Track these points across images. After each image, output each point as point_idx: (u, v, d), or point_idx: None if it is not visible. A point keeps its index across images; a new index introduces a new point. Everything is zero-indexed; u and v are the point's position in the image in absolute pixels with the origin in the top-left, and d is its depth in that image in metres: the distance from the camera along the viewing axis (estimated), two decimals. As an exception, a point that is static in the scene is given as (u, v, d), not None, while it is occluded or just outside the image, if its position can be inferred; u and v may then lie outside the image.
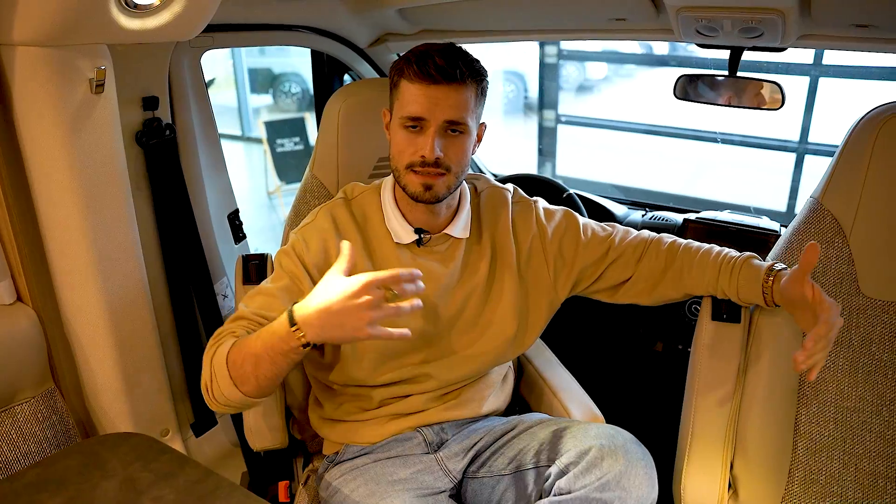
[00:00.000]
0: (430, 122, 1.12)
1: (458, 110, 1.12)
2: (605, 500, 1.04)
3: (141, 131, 1.43)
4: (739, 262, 1.22)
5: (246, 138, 7.50)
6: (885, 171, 1.19)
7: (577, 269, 1.31)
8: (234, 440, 1.70)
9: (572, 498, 1.05)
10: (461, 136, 1.15)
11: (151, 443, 1.13)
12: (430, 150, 1.12)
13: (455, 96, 1.12)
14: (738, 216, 1.89)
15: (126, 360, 1.38)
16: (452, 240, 1.27)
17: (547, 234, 1.31)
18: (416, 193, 1.16)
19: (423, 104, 1.11)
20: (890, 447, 1.21)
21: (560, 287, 1.32)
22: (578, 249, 1.31)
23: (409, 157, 1.15)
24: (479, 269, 1.28)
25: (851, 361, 1.24)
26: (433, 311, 1.25)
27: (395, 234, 1.24)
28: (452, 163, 1.15)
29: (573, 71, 6.98)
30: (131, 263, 1.35)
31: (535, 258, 1.31)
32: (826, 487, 1.25)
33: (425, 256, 1.25)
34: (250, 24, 1.63)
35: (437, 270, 1.25)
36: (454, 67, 1.10)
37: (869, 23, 1.25)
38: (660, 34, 1.50)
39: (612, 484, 1.05)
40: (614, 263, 1.31)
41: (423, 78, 1.11)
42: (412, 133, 1.14)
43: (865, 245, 1.23)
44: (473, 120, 1.17)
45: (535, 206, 1.35)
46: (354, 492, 1.18)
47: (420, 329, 1.25)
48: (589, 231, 1.33)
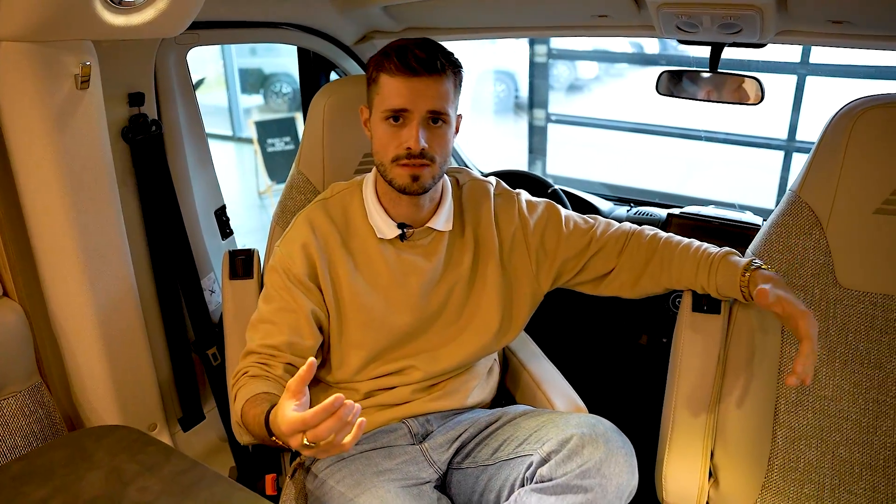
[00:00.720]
0: (414, 113, 1.13)
1: (440, 100, 1.14)
2: (586, 487, 1.06)
3: (127, 127, 1.44)
4: (718, 258, 1.24)
5: (237, 138, 7.50)
6: (859, 163, 1.21)
7: (559, 261, 1.33)
8: (221, 435, 1.71)
9: (553, 485, 1.07)
10: (443, 127, 1.17)
11: (137, 435, 1.14)
12: (415, 140, 1.13)
13: (436, 87, 1.13)
14: (722, 211, 1.91)
15: (113, 355, 1.39)
16: (435, 233, 1.28)
17: (529, 226, 1.32)
18: (405, 185, 1.17)
19: (406, 96, 1.13)
20: (866, 434, 1.23)
21: (542, 279, 1.34)
22: (560, 241, 1.32)
23: (394, 150, 1.16)
24: (463, 262, 1.29)
25: (829, 351, 1.26)
26: (417, 306, 1.27)
27: (377, 229, 1.25)
28: (437, 153, 1.16)
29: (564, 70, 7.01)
30: (118, 259, 1.36)
31: (517, 250, 1.32)
32: (804, 475, 1.27)
33: (409, 251, 1.27)
34: (236, 22, 1.64)
35: (421, 264, 1.27)
36: (434, 59, 1.12)
37: (843, 19, 1.27)
38: (641, 30, 1.51)
39: (593, 471, 1.06)
40: (596, 255, 1.32)
41: (404, 70, 1.12)
42: (395, 126, 1.15)
43: (842, 236, 1.25)
44: (453, 110, 1.19)
45: (518, 197, 1.36)
46: (340, 483, 1.19)
47: (405, 323, 1.27)
48: (571, 223, 1.34)
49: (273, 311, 1.22)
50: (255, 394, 1.11)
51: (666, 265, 1.29)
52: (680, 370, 1.32)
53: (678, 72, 1.62)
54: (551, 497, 1.06)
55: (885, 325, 1.23)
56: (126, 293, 1.39)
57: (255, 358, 1.19)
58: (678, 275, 1.27)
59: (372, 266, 1.26)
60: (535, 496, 1.07)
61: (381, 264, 1.25)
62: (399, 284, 1.26)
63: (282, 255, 1.25)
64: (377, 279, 1.26)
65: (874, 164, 1.21)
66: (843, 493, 1.24)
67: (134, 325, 1.43)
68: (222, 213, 1.75)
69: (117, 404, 1.41)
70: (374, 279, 1.26)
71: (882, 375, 1.23)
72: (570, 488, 1.06)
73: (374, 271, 1.26)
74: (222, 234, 1.76)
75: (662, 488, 1.32)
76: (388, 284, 1.26)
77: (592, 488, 1.06)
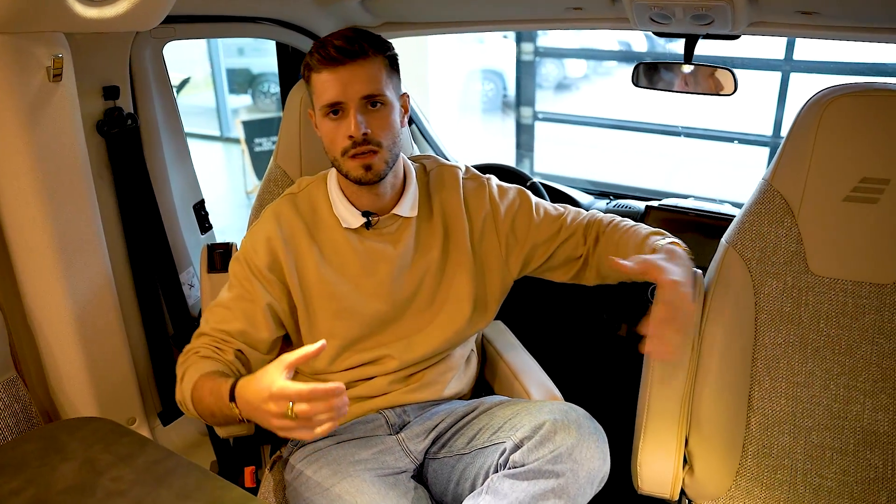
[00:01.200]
0: (348, 102, 1.14)
1: (370, 84, 1.14)
2: (557, 472, 1.07)
3: (102, 121, 1.44)
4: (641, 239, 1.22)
5: (225, 139, 7.48)
6: (828, 151, 1.23)
7: (528, 247, 1.33)
8: (201, 429, 1.71)
9: (526, 470, 1.07)
10: (383, 109, 1.17)
11: (112, 426, 1.14)
12: (354, 127, 1.13)
13: (363, 71, 1.13)
14: (700, 203, 1.92)
15: (91, 349, 1.38)
16: (401, 220, 1.29)
17: (500, 212, 1.33)
18: (359, 176, 1.18)
19: (336, 87, 1.13)
20: (837, 419, 1.25)
21: (512, 264, 1.34)
22: (531, 227, 1.33)
23: (340, 142, 1.16)
24: (433, 248, 1.30)
25: (801, 338, 1.27)
26: (389, 293, 1.27)
27: (343, 219, 1.26)
28: (380, 136, 1.16)
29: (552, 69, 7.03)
30: (95, 252, 1.36)
31: (487, 235, 1.33)
32: (778, 460, 1.28)
33: (375, 239, 1.27)
34: (214, 16, 1.64)
35: (389, 252, 1.27)
36: (353, 44, 1.13)
37: (813, 10, 1.29)
38: (616, 23, 1.53)
39: (565, 456, 1.07)
40: (565, 243, 1.33)
41: (327, 63, 1.13)
42: (335, 120, 1.16)
43: (812, 224, 1.26)
44: (391, 91, 1.18)
45: (489, 182, 1.36)
46: (317, 473, 1.20)
47: (376, 310, 1.27)
48: (542, 210, 1.35)
49: (231, 298, 1.24)
50: (209, 371, 1.13)
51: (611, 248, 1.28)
52: (654, 359, 1.33)
53: (654, 64, 1.63)
54: (523, 482, 1.07)
55: (856, 312, 1.24)
56: (103, 287, 1.39)
57: (208, 340, 1.21)
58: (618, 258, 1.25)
59: (340, 256, 1.26)
60: (508, 481, 1.08)
61: (349, 254, 1.26)
62: (368, 272, 1.26)
63: (245, 246, 1.27)
64: (346, 268, 1.26)
65: (843, 153, 1.22)
66: (814, 478, 1.26)
67: (111, 319, 1.43)
68: (201, 208, 1.75)
69: (95, 398, 1.41)
70: (343, 269, 1.26)
71: (852, 362, 1.24)
72: (541, 473, 1.07)
73: (343, 261, 1.26)
74: (201, 228, 1.76)
75: (638, 476, 1.33)
76: (358, 273, 1.26)
77: (564, 473, 1.07)
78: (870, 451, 1.23)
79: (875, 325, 1.23)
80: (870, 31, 1.35)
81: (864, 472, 1.23)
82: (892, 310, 1.23)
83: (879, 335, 1.23)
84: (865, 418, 1.24)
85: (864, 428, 1.24)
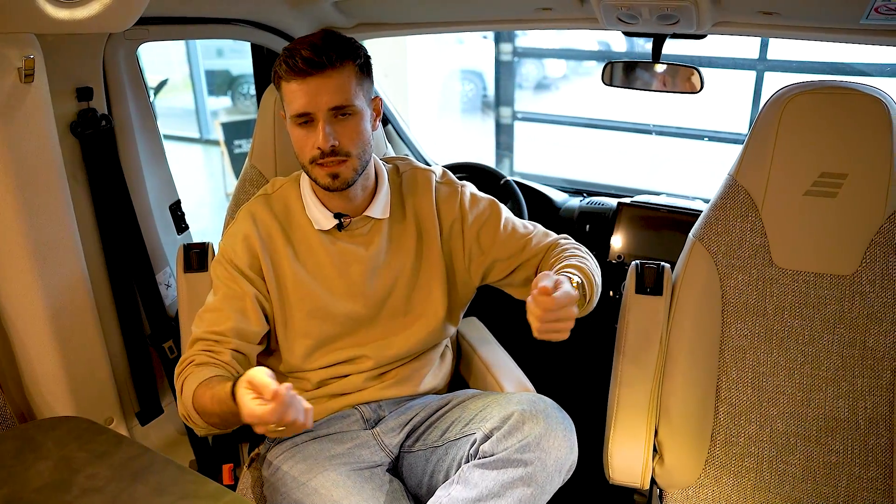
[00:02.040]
0: (316, 113, 1.14)
1: (338, 95, 1.14)
2: (526, 461, 1.09)
3: (76, 122, 1.44)
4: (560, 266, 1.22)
5: (204, 141, 7.42)
6: (789, 147, 1.27)
7: (489, 260, 1.34)
8: (180, 428, 1.71)
9: (494, 460, 1.10)
10: (352, 119, 1.17)
11: (88, 425, 1.14)
12: (322, 139, 1.14)
13: (331, 82, 1.13)
14: (671, 199, 1.96)
15: (66, 350, 1.38)
16: (373, 221, 1.30)
17: (468, 220, 1.34)
18: (327, 184, 1.19)
19: (303, 99, 1.13)
20: (801, 407, 1.29)
21: (473, 273, 1.36)
22: (496, 241, 1.33)
23: (308, 151, 1.17)
24: (406, 249, 1.31)
25: (766, 329, 1.31)
26: (361, 293, 1.29)
27: (315, 221, 1.27)
28: (349, 147, 1.17)
29: (532, 69, 7.06)
30: (69, 253, 1.36)
31: (454, 241, 1.34)
32: (745, 448, 1.32)
33: (347, 240, 1.29)
34: (188, 17, 1.65)
35: (361, 253, 1.29)
36: (321, 55, 1.12)
37: (773, 10, 1.32)
38: (585, 23, 1.55)
39: (532, 445, 1.10)
40: (526, 263, 1.34)
41: (294, 74, 1.13)
42: (305, 128, 1.17)
43: (775, 218, 1.30)
44: (361, 99, 1.18)
45: (462, 189, 1.37)
46: (293, 468, 1.22)
47: (351, 311, 1.29)
48: (510, 226, 1.35)
49: (219, 299, 1.24)
50: (207, 378, 1.12)
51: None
52: (624, 350, 1.36)
53: (623, 63, 1.66)
54: (493, 471, 1.09)
55: (817, 303, 1.28)
56: (78, 287, 1.39)
57: (201, 346, 1.20)
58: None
59: (314, 257, 1.28)
60: (478, 471, 1.10)
61: (322, 255, 1.28)
62: (340, 274, 1.28)
63: (224, 247, 1.28)
64: (319, 269, 1.28)
65: (802, 148, 1.26)
66: (780, 464, 1.30)
67: (87, 319, 1.43)
68: (177, 208, 1.75)
69: (71, 399, 1.41)
70: (317, 269, 1.28)
71: (814, 351, 1.28)
72: (510, 462, 1.09)
73: (316, 262, 1.28)
74: (178, 228, 1.76)
75: (609, 466, 1.36)
76: (330, 274, 1.28)
77: (532, 462, 1.09)
78: (831, 437, 1.27)
79: (836, 315, 1.27)
80: (827, 31, 1.40)
81: (827, 458, 1.27)
82: (852, 300, 1.27)
83: (840, 324, 1.27)
84: (827, 405, 1.28)
85: (825, 415, 1.28)
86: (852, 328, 1.26)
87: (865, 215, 1.24)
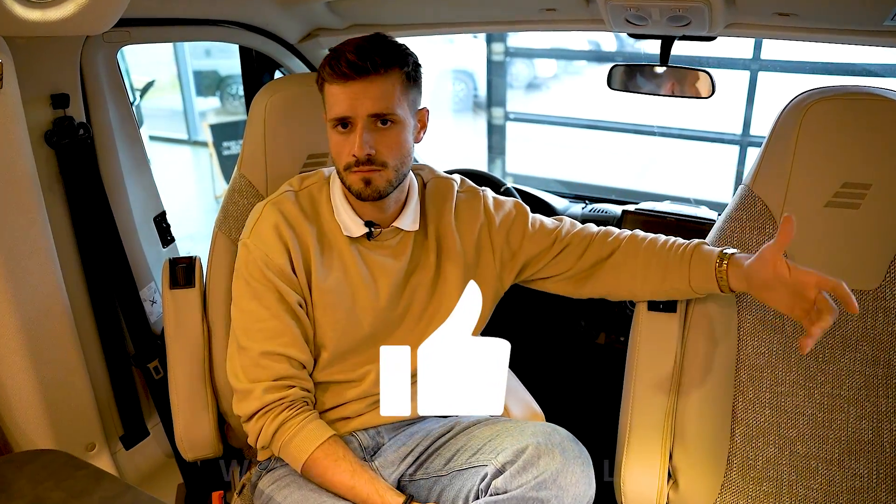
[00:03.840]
0: (356, 119, 1.09)
1: (380, 102, 1.09)
2: (542, 499, 1.03)
3: (51, 131, 1.36)
4: (689, 251, 1.21)
5: (192, 142, 7.34)
6: (810, 156, 1.21)
7: (521, 259, 1.30)
8: (167, 451, 1.64)
9: (508, 497, 1.03)
10: (393, 128, 1.12)
11: (66, 459, 1.06)
12: (358, 147, 1.09)
13: (375, 89, 1.08)
14: (678, 206, 1.90)
15: (43, 373, 1.30)
16: (403, 233, 1.24)
17: (494, 223, 1.29)
18: (359, 191, 1.13)
19: (344, 103, 1.09)
20: (821, 429, 1.23)
21: (505, 277, 1.31)
22: (525, 239, 1.29)
23: (345, 157, 1.12)
24: (427, 263, 1.25)
25: (784, 347, 1.25)
26: (384, 308, 1.22)
27: (344, 227, 1.20)
28: (387, 157, 1.12)
29: (523, 69, 7.04)
30: (45, 269, 1.28)
31: (483, 249, 1.29)
32: (763, 472, 1.25)
33: (376, 251, 1.22)
34: (172, 19, 1.57)
35: (390, 265, 1.22)
36: (366, 60, 1.07)
37: (790, 11, 1.27)
38: (591, 24, 1.49)
39: (549, 482, 1.04)
40: (560, 255, 1.29)
41: (337, 77, 1.08)
42: (343, 134, 1.11)
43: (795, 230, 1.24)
44: (405, 108, 1.13)
45: (484, 194, 1.32)
46: (287, 499, 1.15)
47: (370, 326, 1.22)
48: (537, 223, 1.32)
49: (266, 308, 1.16)
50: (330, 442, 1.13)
51: (630, 261, 1.25)
52: (636, 370, 1.30)
53: (629, 66, 1.60)
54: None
55: (839, 319, 1.22)
56: (55, 306, 1.31)
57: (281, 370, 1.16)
58: (643, 274, 1.24)
59: (343, 265, 1.21)
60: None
61: (349, 263, 1.21)
62: (366, 285, 1.21)
63: (253, 246, 1.17)
64: (346, 278, 1.21)
65: (824, 157, 1.20)
66: (800, 489, 1.24)
67: (65, 339, 1.35)
68: (162, 220, 1.67)
69: (49, 425, 1.33)
70: (343, 278, 1.20)
71: (835, 370, 1.22)
72: (525, 500, 1.03)
73: (345, 270, 1.21)
74: (163, 241, 1.68)
75: (621, 492, 1.29)
76: (358, 285, 1.21)
77: (549, 500, 1.03)
78: (855, 460, 1.21)
79: (858, 332, 1.22)
80: (846, 34, 1.34)
81: (850, 482, 1.21)
82: (875, 316, 1.21)
83: (862, 342, 1.21)
84: (850, 427, 1.22)
85: (848, 437, 1.22)
86: (876, 346, 1.21)
87: (890, 228, 1.18)
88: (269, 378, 1.14)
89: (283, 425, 1.13)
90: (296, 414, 1.14)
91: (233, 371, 1.19)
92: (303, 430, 1.12)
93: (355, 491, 1.09)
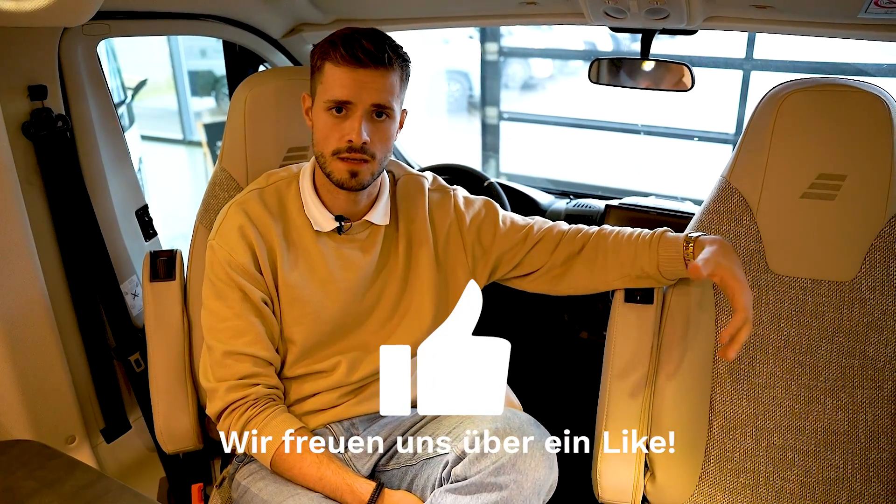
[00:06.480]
0: (357, 105, 1.09)
1: (385, 94, 1.10)
2: (501, 484, 1.02)
3: (28, 122, 1.35)
4: (656, 237, 1.23)
5: (187, 142, 7.33)
6: (785, 147, 1.21)
7: (494, 256, 1.30)
8: (149, 444, 1.63)
9: (467, 484, 1.03)
10: (387, 121, 1.13)
11: (38, 449, 1.06)
12: (357, 134, 1.09)
13: (382, 80, 1.09)
14: (660, 201, 1.90)
15: (22, 365, 1.30)
16: (373, 227, 1.24)
17: (465, 221, 1.30)
18: (342, 180, 1.13)
19: (350, 87, 1.08)
20: (798, 420, 1.23)
21: (479, 274, 1.31)
22: (496, 237, 1.30)
23: (335, 142, 1.11)
24: (397, 258, 1.26)
25: (762, 338, 1.25)
26: (352, 301, 1.22)
27: (314, 221, 1.20)
28: (377, 149, 1.13)
29: (518, 69, 7.03)
30: (23, 262, 1.28)
31: (452, 245, 1.29)
32: (740, 464, 1.26)
33: (346, 244, 1.22)
34: (154, 12, 1.57)
35: (359, 259, 1.23)
36: (382, 51, 1.08)
37: (767, 4, 1.26)
38: (571, 18, 1.49)
39: (508, 467, 1.03)
40: (532, 251, 1.29)
41: (350, 61, 1.07)
42: (337, 118, 1.11)
43: (771, 222, 1.24)
44: (398, 105, 1.15)
45: (454, 193, 1.33)
46: (262, 490, 1.15)
47: (339, 319, 1.22)
48: (508, 220, 1.32)
49: (228, 307, 1.17)
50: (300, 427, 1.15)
51: (601, 253, 1.26)
52: (613, 362, 1.30)
53: (610, 60, 1.60)
54: (466, 497, 1.03)
55: (815, 310, 1.22)
56: (34, 299, 1.31)
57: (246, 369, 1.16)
58: (614, 261, 1.25)
59: (310, 259, 1.21)
60: (451, 497, 1.04)
61: (317, 257, 1.21)
62: (335, 279, 1.21)
63: (218, 247, 1.18)
64: (314, 273, 1.21)
65: (799, 149, 1.20)
66: (777, 480, 1.24)
67: (45, 332, 1.35)
68: (144, 213, 1.66)
69: (29, 418, 1.33)
70: (312, 273, 1.21)
71: (812, 361, 1.23)
72: (484, 486, 1.02)
73: (312, 265, 1.21)
74: (145, 235, 1.67)
75: (598, 484, 1.29)
76: (325, 279, 1.21)
77: (507, 485, 1.02)
78: (831, 451, 1.21)
79: (834, 324, 1.22)
80: (822, 26, 1.34)
81: (826, 473, 1.22)
82: (851, 307, 1.21)
83: (839, 333, 1.22)
84: (826, 418, 1.22)
85: (824, 428, 1.22)
86: (852, 337, 1.21)
87: (865, 219, 1.19)
88: (233, 377, 1.15)
89: (248, 424, 1.14)
90: (259, 411, 1.14)
91: (203, 370, 1.21)
92: (266, 427, 1.13)
93: (324, 482, 1.09)
